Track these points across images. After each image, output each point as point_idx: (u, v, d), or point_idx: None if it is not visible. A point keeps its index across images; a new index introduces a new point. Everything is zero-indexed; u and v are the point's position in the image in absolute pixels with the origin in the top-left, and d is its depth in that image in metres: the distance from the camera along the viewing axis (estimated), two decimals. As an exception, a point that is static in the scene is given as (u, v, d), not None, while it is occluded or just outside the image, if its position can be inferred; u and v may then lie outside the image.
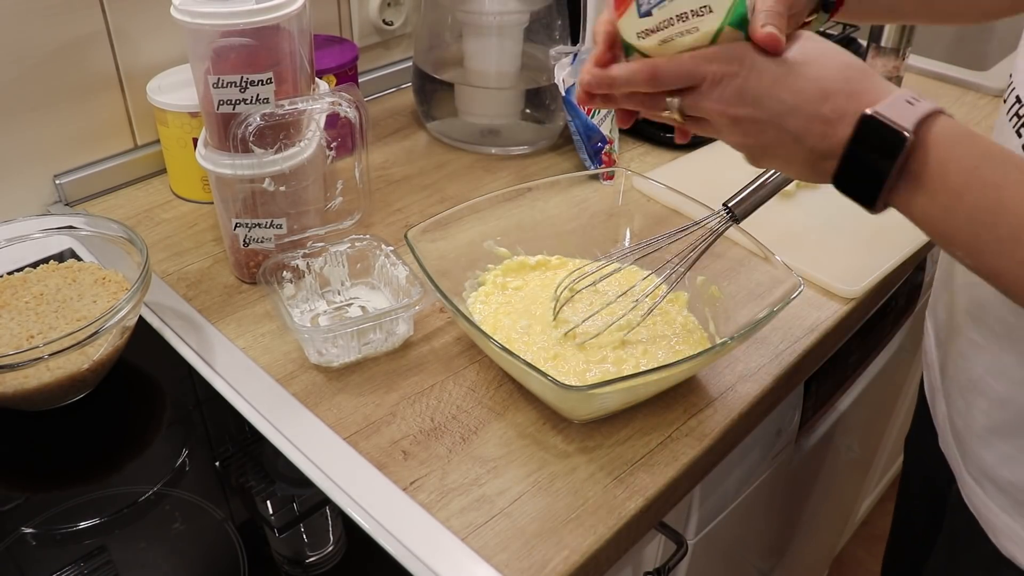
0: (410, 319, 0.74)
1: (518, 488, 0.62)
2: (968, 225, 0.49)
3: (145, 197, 0.96)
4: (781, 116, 0.51)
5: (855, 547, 1.69)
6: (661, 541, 0.75)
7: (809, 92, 0.50)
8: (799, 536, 1.24)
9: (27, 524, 0.62)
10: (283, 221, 0.77)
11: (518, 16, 0.99)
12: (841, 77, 0.51)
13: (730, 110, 0.53)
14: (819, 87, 0.50)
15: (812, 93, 0.50)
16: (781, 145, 0.53)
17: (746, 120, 0.52)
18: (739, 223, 0.68)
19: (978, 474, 0.66)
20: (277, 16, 0.71)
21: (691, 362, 0.62)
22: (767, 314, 0.66)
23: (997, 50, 1.50)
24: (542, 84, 0.99)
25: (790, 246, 0.87)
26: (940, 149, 0.48)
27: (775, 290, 0.71)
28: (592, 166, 0.98)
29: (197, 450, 0.69)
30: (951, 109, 1.24)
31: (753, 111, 0.52)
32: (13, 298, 0.72)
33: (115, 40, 0.91)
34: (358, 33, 1.14)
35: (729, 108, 0.52)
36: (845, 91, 0.50)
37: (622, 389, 0.62)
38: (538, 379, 0.61)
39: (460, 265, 0.77)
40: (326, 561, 0.60)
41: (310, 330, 0.72)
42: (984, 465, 0.65)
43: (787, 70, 0.51)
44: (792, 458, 0.96)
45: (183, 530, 0.62)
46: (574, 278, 0.73)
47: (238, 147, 0.72)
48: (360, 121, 0.78)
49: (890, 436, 1.45)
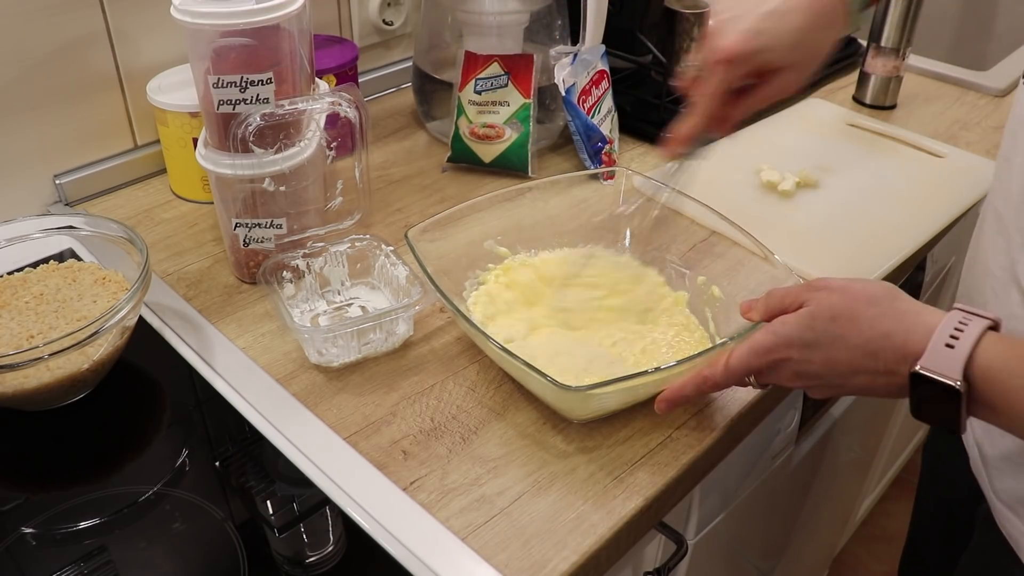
0: (410, 319, 0.74)
1: (518, 488, 0.62)
2: None
3: (145, 197, 0.96)
4: (846, 378, 0.55)
5: (855, 547, 1.69)
6: (661, 541, 0.75)
7: (858, 358, 0.54)
8: (799, 536, 1.24)
9: (27, 524, 0.62)
10: (283, 221, 0.77)
11: (518, 16, 0.99)
12: (880, 332, 0.53)
13: (798, 383, 0.58)
14: (865, 350, 0.53)
15: (861, 357, 0.54)
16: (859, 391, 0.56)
17: (817, 387, 0.58)
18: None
19: (1010, 499, 0.65)
20: (277, 16, 0.71)
21: (690, 362, 0.62)
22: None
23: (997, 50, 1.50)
24: (542, 84, 0.99)
25: (790, 246, 0.87)
26: (995, 383, 0.49)
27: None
28: (592, 166, 0.98)
29: (197, 450, 0.69)
30: (951, 109, 1.25)
31: (820, 381, 0.57)
32: (13, 298, 0.72)
33: (115, 40, 0.91)
34: (358, 33, 1.14)
35: (797, 382, 0.58)
36: (888, 347, 0.52)
37: (621, 389, 0.62)
38: (537, 379, 0.61)
39: (460, 265, 0.77)
40: (326, 561, 0.60)
41: (310, 330, 0.72)
42: (1015, 491, 0.64)
43: (831, 340, 0.55)
44: (792, 458, 0.96)
45: (183, 530, 0.62)
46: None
47: (238, 147, 0.72)
48: (360, 121, 0.78)
49: (890, 436, 1.45)
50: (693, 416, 0.68)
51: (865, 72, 1.17)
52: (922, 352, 0.50)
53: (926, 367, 0.50)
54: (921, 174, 1.01)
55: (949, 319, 0.51)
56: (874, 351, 0.53)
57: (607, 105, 1.02)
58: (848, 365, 0.54)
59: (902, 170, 1.02)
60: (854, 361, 0.54)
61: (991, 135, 1.11)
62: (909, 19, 1.11)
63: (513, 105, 0.96)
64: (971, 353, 0.49)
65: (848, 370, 0.54)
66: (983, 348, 0.49)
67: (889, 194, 0.97)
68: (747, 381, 0.61)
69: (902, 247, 0.88)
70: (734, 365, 0.59)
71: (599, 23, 0.97)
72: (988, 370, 0.49)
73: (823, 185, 0.98)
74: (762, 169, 0.98)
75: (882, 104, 1.17)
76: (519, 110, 0.96)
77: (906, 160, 1.04)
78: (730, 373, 0.60)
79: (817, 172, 0.99)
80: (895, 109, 1.17)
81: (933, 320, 0.52)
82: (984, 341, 0.50)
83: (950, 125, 1.14)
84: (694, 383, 0.62)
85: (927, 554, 0.94)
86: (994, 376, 0.49)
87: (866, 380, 0.54)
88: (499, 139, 0.97)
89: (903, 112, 1.17)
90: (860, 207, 0.95)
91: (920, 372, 0.50)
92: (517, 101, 0.96)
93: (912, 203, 0.95)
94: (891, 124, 1.12)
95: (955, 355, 0.49)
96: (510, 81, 0.96)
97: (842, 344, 0.54)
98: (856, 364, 0.54)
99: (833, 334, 0.54)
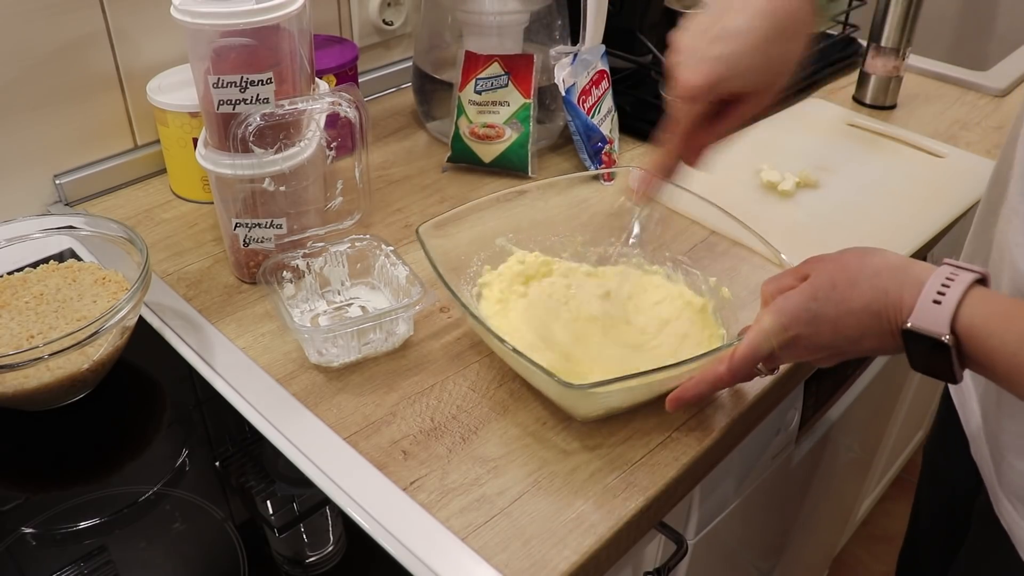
0: (410, 319, 0.74)
1: (518, 488, 0.62)
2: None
3: (145, 197, 0.96)
4: (855, 343, 0.56)
5: (855, 547, 1.69)
6: (661, 541, 0.75)
7: (864, 320, 0.55)
8: (799, 536, 1.24)
9: (27, 524, 0.62)
10: (283, 221, 0.77)
11: (518, 16, 0.99)
12: (879, 291, 0.54)
13: (810, 357, 0.59)
14: (869, 311, 0.54)
15: (868, 319, 0.55)
16: (871, 353, 0.58)
17: (827, 358, 0.59)
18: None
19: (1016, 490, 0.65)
20: (277, 16, 0.71)
21: (693, 363, 0.62)
22: None
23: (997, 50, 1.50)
24: (542, 84, 0.99)
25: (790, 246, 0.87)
26: (978, 341, 0.51)
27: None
28: (592, 166, 0.98)
29: (197, 450, 0.69)
30: (951, 109, 1.25)
31: (831, 351, 0.58)
32: (13, 298, 0.72)
33: (115, 40, 0.91)
34: (358, 33, 1.14)
35: (809, 356, 0.59)
36: (889, 304, 0.54)
37: (623, 388, 0.62)
38: (542, 377, 0.61)
39: (463, 263, 0.77)
40: (326, 561, 0.60)
41: (310, 330, 0.72)
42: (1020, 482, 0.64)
43: (835, 307, 0.56)
44: (792, 458, 0.96)
45: (183, 530, 0.62)
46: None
47: (238, 147, 0.72)
48: (360, 121, 0.78)
49: (890, 436, 1.45)
50: (693, 416, 0.68)
51: (865, 72, 1.17)
52: (909, 306, 0.52)
53: (915, 324, 0.51)
54: (921, 174, 1.01)
55: (937, 275, 0.52)
56: (876, 311, 0.54)
57: (607, 105, 1.02)
58: (856, 329, 0.55)
59: (902, 170, 1.02)
60: (861, 324, 0.55)
61: (991, 135, 1.11)
62: (909, 19, 1.11)
63: (513, 105, 0.96)
64: (956, 309, 0.50)
65: (856, 334, 0.55)
66: (967, 304, 0.51)
67: (889, 194, 0.97)
68: (756, 370, 0.61)
69: (902, 247, 0.88)
70: (744, 352, 0.60)
71: (599, 23, 0.97)
72: (971, 328, 0.50)
73: (823, 185, 0.98)
74: (762, 169, 0.99)
75: (882, 104, 1.17)
76: (519, 110, 0.96)
77: (906, 160, 1.04)
78: (742, 361, 0.60)
79: (817, 172, 0.99)
80: (895, 109, 1.17)
81: (924, 275, 0.53)
82: (969, 297, 0.51)
83: (950, 125, 1.14)
84: (708, 381, 0.62)
85: (926, 550, 0.94)
86: (976, 334, 0.50)
87: (875, 342, 0.55)
88: (499, 139, 0.97)
89: (903, 112, 1.17)
90: (860, 207, 0.95)
91: (909, 328, 0.51)
92: (517, 101, 0.96)
93: (912, 203, 0.95)
94: (891, 124, 1.12)
95: (942, 311, 0.50)
96: (510, 81, 0.96)
97: (845, 309, 0.55)
98: (863, 327, 0.55)
99: (836, 301, 0.55)
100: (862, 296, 0.54)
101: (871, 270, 0.55)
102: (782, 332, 0.58)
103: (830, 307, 0.56)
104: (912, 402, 1.43)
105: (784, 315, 0.57)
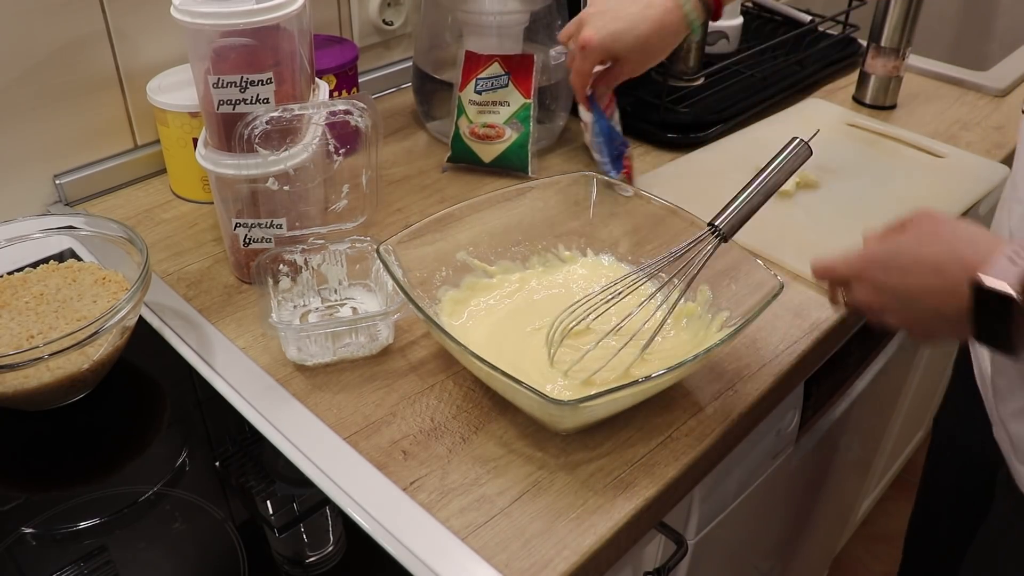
0: (391, 325, 0.74)
1: (518, 488, 0.62)
2: None
3: (145, 197, 0.96)
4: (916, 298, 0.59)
5: (855, 547, 1.69)
6: (661, 541, 0.75)
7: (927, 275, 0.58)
8: (799, 536, 1.24)
9: (27, 524, 0.62)
10: (283, 221, 0.77)
11: (518, 16, 0.99)
12: (949, 248, 0.57)
13: (875, 298, 0.62)
14: (934, 266, 0.58)
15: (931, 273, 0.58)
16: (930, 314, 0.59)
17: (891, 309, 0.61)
18: (727, 241, 0.68)
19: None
20: (277, 16, 0.71)
21: (672, 373, 0.62)
22: (742, 323, 0.65)
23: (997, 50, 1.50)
24: (542, 84, 0.99)
25: (790, 246, 0.87)
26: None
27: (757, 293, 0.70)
28: (612, 170, 0.97)
29: (197, 450, 0.69)
30: (951, 109, 1.25)
31: (892, 298, 0.61)
32: (13, 298, 0.72)
33: (115, 40, 0.91)
34: (358, 33, 1.14)
35: (874, 297, 0.62)
36: (954, 260, 0.56)
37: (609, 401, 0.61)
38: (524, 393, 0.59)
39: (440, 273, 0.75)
40: (326, 561, 0.60)
41: (284, 327, 0.72)
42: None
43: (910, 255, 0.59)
44: (792, 458, 0.96)
45: (183, 530, 0.62)
46: (565, 317, 0.70)
47: (242, 147, 0.72)
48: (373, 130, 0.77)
49: (890, 436, 1.45)
50: (693, 416, 0.68)
51: (865, 72, 1.17)
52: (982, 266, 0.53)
53: (987, 276, 0.53)
54: (921, 174, 1.01)
55: (1010, 244, 0.54)
56: (940, 265, 0.57)
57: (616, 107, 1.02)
58: (919, 284, 0.58)
59: (902, 170, 1.02)
60: (924, 279, 0.58)
61: (991, 135, 1.11)
62: (909, 19, 1.11)
63: (513, 105, 0.96)
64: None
65: (919, 289, 0.58)
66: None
67: (889, 194, 0.97)
68: (839, 298, 0.66)
69: (902, 247, 0.88)
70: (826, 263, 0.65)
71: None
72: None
73: (823, 185, 0.98)
74: (762, 169, 0.98)
75: (882, 104, 1.17)
76: (519, 110, 0.96)
77: (906, 160, 1.04)
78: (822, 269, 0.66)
79: (817, 172, 0.99)
80: (895, 109, 1.17)
81: (998, 243, 0.55)
82: None
83: (950, 125, 1.14)
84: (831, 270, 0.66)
85: (939, 522, 0.94)
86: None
87: (935, 300, 0.57)
88: (499, 139, 0.97)
89: (903, 112, 1.17)
90: (860, 207, 0.95)
91: (980, 282, 0.53)
92: (517, 101, 0.96)
93: (912, 203, 0.95)
94: (891, 124, 1.12)
95: (1016, 270, 0.52)
96: (510, 81, 0.96)
97: (912, 257, 0.59)
98: (926, 283, 0.57)
99: (911, 252, 0.59)
100: (932, 251, 0.58)
101: (951, 234, 0.58)
102: (859, 261, 0.62)
103: (906, 256, 0.59)
104: (912, 402, 1.43)
105: (867, 248, 0.62)
